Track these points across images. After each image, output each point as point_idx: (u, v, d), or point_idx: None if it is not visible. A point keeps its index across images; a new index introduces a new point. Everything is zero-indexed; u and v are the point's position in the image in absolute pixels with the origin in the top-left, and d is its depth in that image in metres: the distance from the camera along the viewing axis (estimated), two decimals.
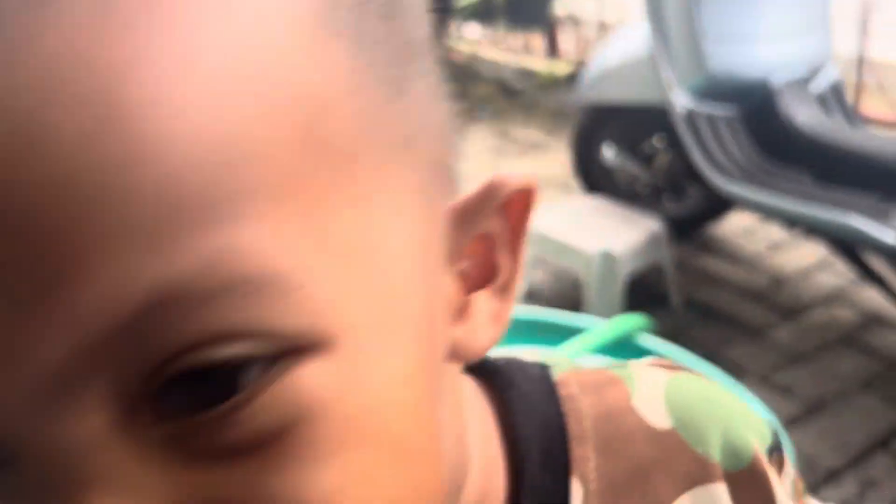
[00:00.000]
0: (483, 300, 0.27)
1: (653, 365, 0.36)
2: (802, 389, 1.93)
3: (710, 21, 2.12)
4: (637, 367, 0.35)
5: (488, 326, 0.27)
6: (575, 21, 4.55)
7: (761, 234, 2.68)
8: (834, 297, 2.30)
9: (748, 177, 2.06)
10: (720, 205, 2.45)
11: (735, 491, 0.33)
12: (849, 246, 1.98)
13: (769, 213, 2.06)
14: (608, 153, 2.57)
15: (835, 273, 2.40)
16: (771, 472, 0.34)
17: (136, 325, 0.18)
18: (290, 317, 0.19)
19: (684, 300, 2.34)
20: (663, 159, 2.49)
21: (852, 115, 2.28)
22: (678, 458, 0.33)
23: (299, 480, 0.19)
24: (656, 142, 2.53)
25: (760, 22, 2.21)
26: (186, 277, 0.18)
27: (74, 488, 0.19)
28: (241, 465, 0.19)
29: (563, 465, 0.32)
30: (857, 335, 2.11)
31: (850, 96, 3.11)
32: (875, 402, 1.87)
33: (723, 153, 2.12)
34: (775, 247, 2.60)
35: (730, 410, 0.34)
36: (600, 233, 2.22)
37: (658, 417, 0.33)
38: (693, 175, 2.38)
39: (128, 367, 0.18)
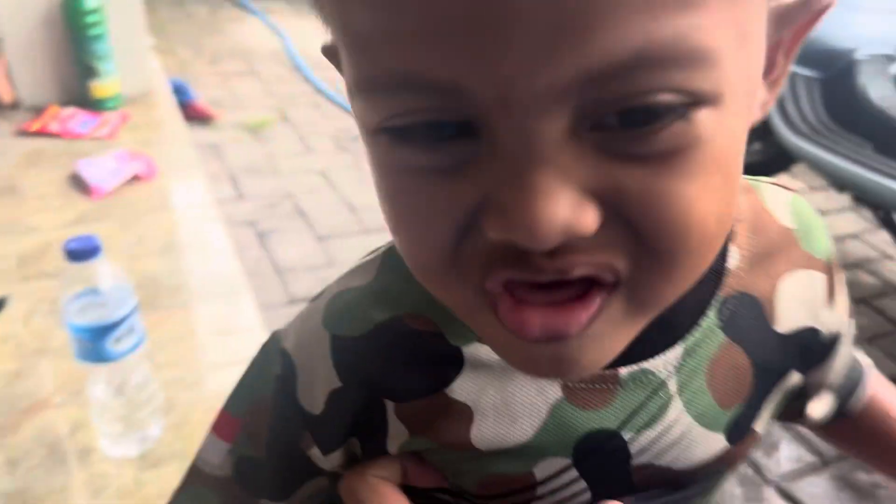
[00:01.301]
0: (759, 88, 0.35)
1: (774, 184, 0.49)
2: None
3: None
4: (762, 183, 0.48)
5: (757, 110, 0.35)
6: None
7: (808, 200, 2.86)
8: (860, 264, 2.49)
9: (815, 136, 2.23)
10: (782, 159, 2.62)
11: (827, 280, 0.48)
12: (889, 213, 2.16)
13: (826, 173, 2.23)
14: None
15: (865, 244, 2.59)
16: (841, 274, 0.50)
17: (619, 69, 0.26)
18: (708, 82, 0.27)
19: None
20: None
21: None
22: (793, 249, 0.46)
23: (677, 185, 0.29)
24: None
25: None
26: (665, 43, 0.26)
27: (530, 161, 0.27)
28: (643, 168, 0.28)
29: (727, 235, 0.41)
30: (874, 299, 2.32)
31: None
32: (879, 354, 2.09)
33: (797, 110, 2.29)
34: (819, 212, 2.78)
35: (825, 229, 0.49)
36: None
37: (786, 219, 0.47)
38: (764, 127, 2.55)
39: (596, 96, 0.27)
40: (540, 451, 0.42)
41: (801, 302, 0.46)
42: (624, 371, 0.41)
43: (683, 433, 0.43)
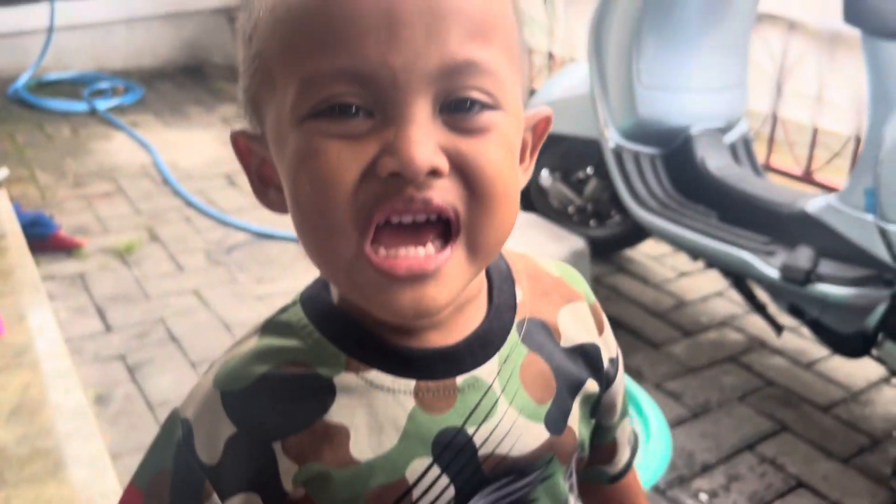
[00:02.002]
0: None
1: (542, 255, 0.70)
2: (690, 396, 2.23)
3: (644, 69, 2.42)
4: (533, 254, 0.68)
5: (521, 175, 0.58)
6: (528, 51, 4.83)
7: (671, 262, 3.00)
8: (726, 322, 2.62)
9: (662, 210, 2.36)
10: (638, 232, 2.75)
11: (592, 311, 0.67)
12: (740, 277, 2.29)
13: (677, 244, 2.36)
14: (545, 177, 2.85)
15: (730, 301, 2.73)
16: (604, 317, 0.69)
17: (458, 68, 0.48)
18: (498, 92, 0.50)
19: None
20: (593, 187, 2.79)
21: (758, 166, 2.61)
22: (563, 287, 0.66)
23: (491, 151, 0.50)
24: (588, 171, 2.83)
25: (688, 75, 2.51)
26: (479, 59, 0.49)
27: (411, 123, 0.47)
28: (469, 139, 0.49)
29: (511, 280, 0.63)
30: (741, 355, 2.44)
31: (762, 149, 3.49)
32: (749, 411, 2.18)
33: (644, 187, 2.42)
34: (682, 274, 2.92)
35: (585, 282, 0.69)
36: (529, 245, 2.49)
37: (553, 271, 0.67)
38: (617, 204, 2.68)
39: (445, 86, 0.48)
40: (406, 454, 0.54)
41: (577, 325, 0.65)
42: (460, 379, 0.56)
43: (513, 424, 0.57)
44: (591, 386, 0.64)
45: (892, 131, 1.70)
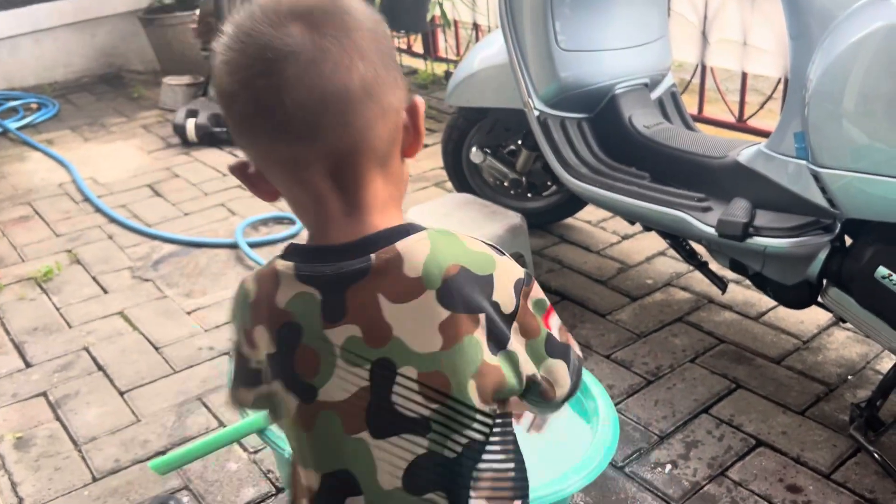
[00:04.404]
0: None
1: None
2: (641, 364, 2.17)
3: (561, 31, 2.32)
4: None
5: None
6: (451, 23, 4.72)
7: (612, 226, 2.93)
8: (671, 282, 2.57)
9: (595, 176, 2.27)
10: (577, 200, 2.67)
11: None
12: (678, 238, 2.23)
13: (612, 210, 2.28)
14: (476, 153, 2.75)
15: (673, 259, 2.68)
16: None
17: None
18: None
19: (542, 286, 2.55)
20: (524, 159, 2.70)
21: (688, 119, 2.54)
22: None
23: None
24: (518, 143, 2.73)
25: (606, 33, 2.42)
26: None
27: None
28: None
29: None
30: (689, 315, 2.38)
31: (694, 101, 3.43)
32: (702, 372, 2.13)
33: (573, 154, 2.34)
34: (624, 237, 2.86)
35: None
36: (466, 225, 2.40)
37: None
38: (551, 173, 2.59)
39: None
40: None
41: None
42: None
43: None
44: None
45: (816, 71, 1.63)
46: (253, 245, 2.89)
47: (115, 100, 4.91)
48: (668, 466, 1.81)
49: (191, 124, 3.95)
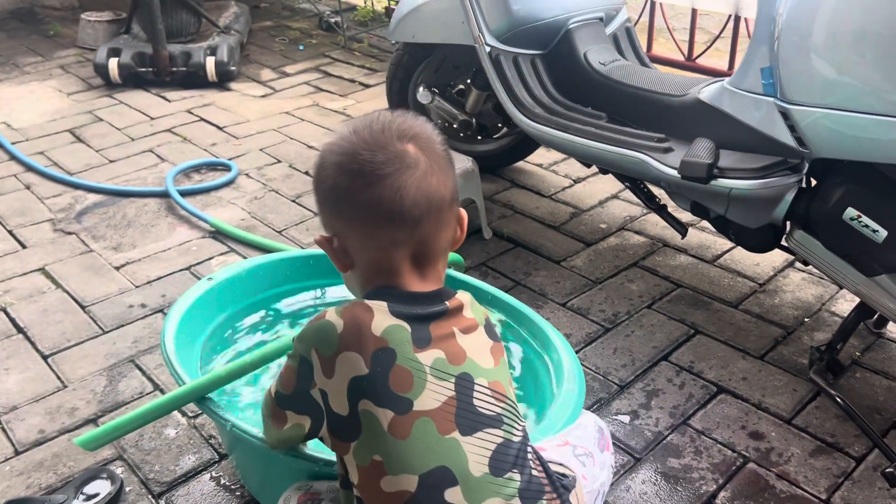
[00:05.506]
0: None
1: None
2: (598, 311, 2.10)
3: None
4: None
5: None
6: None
7: (564, 168, 2.84)
8: (626, 225, 2.50)
9: (549, 116, 2.16)
10: (530, 142, 2.56)
11: None
12: (636, 181, 2.14)
13: (567, 152, 2.18)
14: (422, 93, 2.60)
15: (627, 202, 2.60)
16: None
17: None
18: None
19: (495, 232, 2.46)
20: (474, 99, 2.56)
21: (643, 56, 2.44)
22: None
23: None
24: (468, 81, 2.59)
25: None
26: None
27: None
28: None
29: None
30: (645, 259, 2.32)
31: (642, 39, 3.33)
32: (660, 318, 2.07)
33: (526, 93, 2.22)
34: (577, 180, 2.77)
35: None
36: None
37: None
38: (503, 114, 2.47)
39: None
40: None
41: None
42: None
43: None
44: None
45: (787, 3, 1.54)
46: (185, 193, 2.71)
47: (29, 37, 4.56)
48: (630, 417, 1.75)
49: (113, 64, 3.68)
